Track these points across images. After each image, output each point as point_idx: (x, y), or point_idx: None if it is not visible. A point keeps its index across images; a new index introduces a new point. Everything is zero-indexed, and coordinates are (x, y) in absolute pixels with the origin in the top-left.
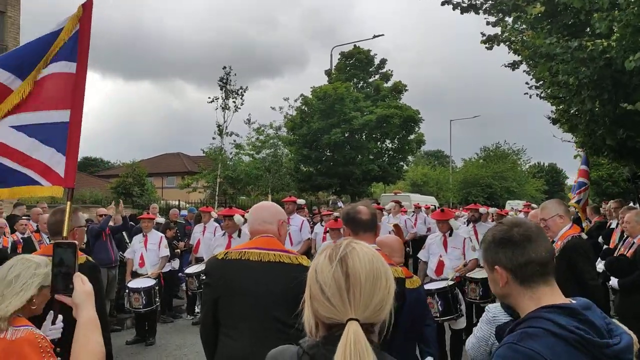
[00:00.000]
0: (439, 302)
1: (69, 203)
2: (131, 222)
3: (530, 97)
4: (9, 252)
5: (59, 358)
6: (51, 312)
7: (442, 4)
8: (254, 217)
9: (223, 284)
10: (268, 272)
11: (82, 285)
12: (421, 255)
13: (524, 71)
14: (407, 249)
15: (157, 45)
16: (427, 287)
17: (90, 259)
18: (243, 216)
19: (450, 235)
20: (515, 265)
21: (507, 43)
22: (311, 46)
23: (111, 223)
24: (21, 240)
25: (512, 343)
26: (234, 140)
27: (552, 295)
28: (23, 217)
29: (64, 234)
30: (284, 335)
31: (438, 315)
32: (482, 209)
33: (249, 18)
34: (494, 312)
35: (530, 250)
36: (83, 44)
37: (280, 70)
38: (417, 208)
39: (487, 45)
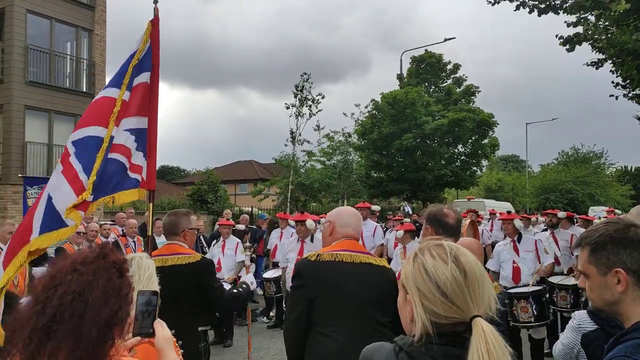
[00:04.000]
0: (534, 306)
1: (150, 205)
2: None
3: (617, 98)
4: None
5: None
6: None
7: (517, 8)
8: (339, 220)
9: (319, 285)
10: (361, 273)
11: (162, 331)
12: (490, 265)
13: (610, 71)
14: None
15: (220, 53)
16: (520, 290)
17: (206, 256)
18: (317, 222)
19: (519, 241)
20: None
21: (590, 41)
22: (374, 49)
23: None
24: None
25: (625, 356)
26: (302, 150)
27: None
28: (106, 222)
29: (148, 232)
30: (379, 333)
31: (533, 321)
32: (561, 214)
33: (311, 22)
34: (579, 319)
35: None
36: (155, 55)
37: (343, 75)
38: (492, 214)
39: (567, 47)
